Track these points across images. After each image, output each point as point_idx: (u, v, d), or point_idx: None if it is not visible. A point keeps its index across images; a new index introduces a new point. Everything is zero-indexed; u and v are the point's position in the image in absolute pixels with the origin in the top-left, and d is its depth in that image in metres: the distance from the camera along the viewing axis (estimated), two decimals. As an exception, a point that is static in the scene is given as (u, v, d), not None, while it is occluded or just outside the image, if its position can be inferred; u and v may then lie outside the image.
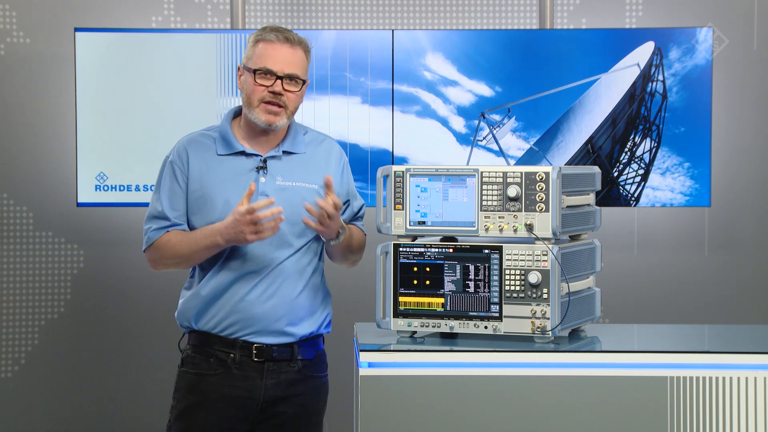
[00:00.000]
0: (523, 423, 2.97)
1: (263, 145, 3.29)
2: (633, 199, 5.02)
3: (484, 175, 3.09)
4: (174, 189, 3.27)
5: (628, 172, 5.00)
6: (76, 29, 4.96)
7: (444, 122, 5.03)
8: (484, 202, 3.08)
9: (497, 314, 3.07)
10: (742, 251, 5.33)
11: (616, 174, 5.00)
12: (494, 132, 5.01)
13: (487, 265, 3.08)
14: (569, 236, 3.20)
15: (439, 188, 3.12)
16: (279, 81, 3.21)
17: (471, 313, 3.09)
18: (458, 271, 3.10)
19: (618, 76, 4.99)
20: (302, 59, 3.26)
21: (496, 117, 5.01)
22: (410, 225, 3.15)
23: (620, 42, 4.99)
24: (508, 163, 5.01)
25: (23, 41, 5.26)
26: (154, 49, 4.98)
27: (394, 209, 3.16)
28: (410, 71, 5.01)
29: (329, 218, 3.16)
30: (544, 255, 3.03)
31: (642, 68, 4.97)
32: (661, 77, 4.97)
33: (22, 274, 5.32)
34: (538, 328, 3.04)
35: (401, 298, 3.14)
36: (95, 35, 4.98)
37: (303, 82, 3.26)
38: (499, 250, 3.07)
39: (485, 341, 3.09)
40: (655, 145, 4.97)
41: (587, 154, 5.01)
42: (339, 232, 3.22)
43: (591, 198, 3.27)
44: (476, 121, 5.01)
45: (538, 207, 3.04)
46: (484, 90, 5.01)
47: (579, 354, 3.05)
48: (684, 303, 5.33)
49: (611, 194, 5.00)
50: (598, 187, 3.30)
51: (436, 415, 2.97)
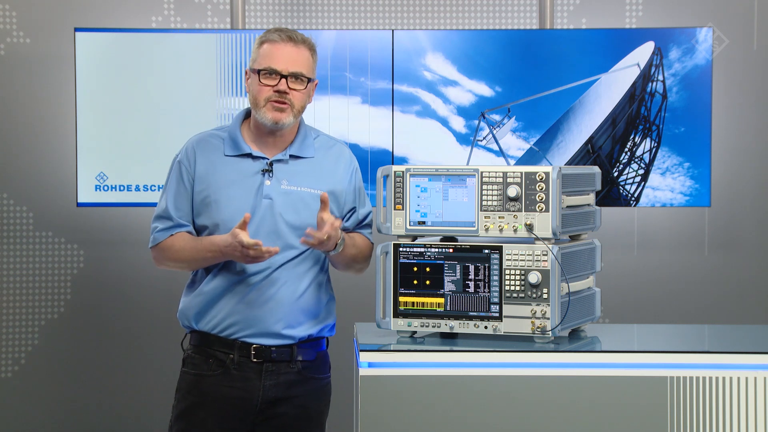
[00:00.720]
0: (523, 423, 2.97)
1: (271, 148, 3.28)
2: (633, 199, 5.02)
3: (484, 175, 3.09)
4: (180, 189, 3.28)
5: (628, 172, 5.00)
6: (76, 29, 4.96)
7: (444, 122, 5.03)
8: (484, 202, 3.08)
9: (497, 314, 3.07)
10: (742, 251, 5.33)
11: (616, 174, 5.00)
12: (494, 132, 5.01)
13: (487, 265, 3.08)
14: (569, 236, 3.20)
15: (439, 188, 3.12)
16: (284, 80, 3.21)
17: (471, 313, 3.09)
18: (458, 271, 3.10)
19: (618, 76, 4.99)
20: (307, 58, 3.26)
21: (496, 117, 5.01)
22: (410, 225, 3.15)
23: (620, 42, 4.99)
24: (508, 163, 5.01)
25: (23, 41, 5.26)
26: (154, 49, 4.98)
27: (394, 209, 3.16)
28: (410, 71, 5.01)
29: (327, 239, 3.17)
30: (544, 255, 3.03)
31: (642, 68, 4.97)
32: (661, 77, 4.96)
33: (22, 274, 5.32)
34: (538, 328, 3.04)
35: (401, 298, 3.14)
36: (95, 35, 4.98)
37: (308, 81, 3.25)
38: (499, 250, 3.07)
39: (485, 341, 3.09)
40: (655, 145, 4.97)
41: (587, 154, 5.01)
42: (337, 244, 3.21)
43: (591, 198, 3.27)
44: (476, 121, 5.01)
45: (538, 207, 3.04)
46: (484, 90, 5.01)
47: (579, 354, 3.05)
48: (684, 303, 5.33)
49: (611, 194, 5.00)
50: (598, 187, 3.30)
51: (436, 415, 2.97)
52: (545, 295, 3.03)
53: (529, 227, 3.05)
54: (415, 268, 3.13)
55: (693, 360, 2.99)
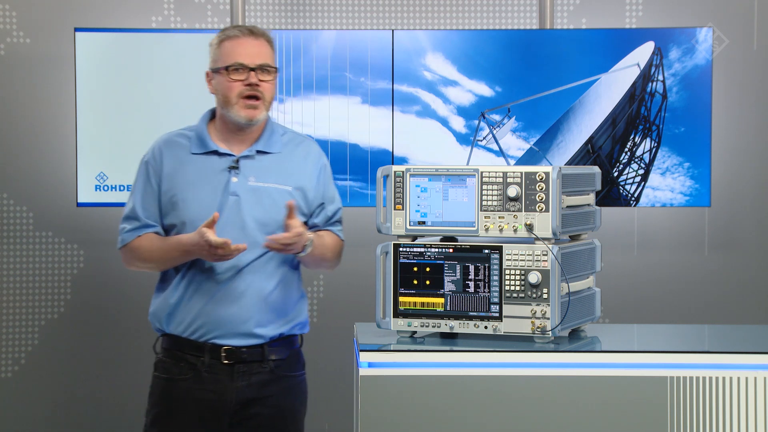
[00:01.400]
0: (523, 423, 2.97)
1: (238, 145, 3.28)
2: (633, 199, 5.02)
3: (484, 175, 3.09)
4: (147, 189, 3.29)
5: (628, 172, 5.00)
6: (76, 29, 4.96)
7: (444, 122, 5.03)
8: (484, 202, 3.08)
9: (497, 314, 3.07)
10: (742, 251, 5.33)
11: (616, 174, 5.00)
12: (494, 132, 5.01)
13: (487, 265, 3.08)
14: (569, 236, 3.20)
15: (439, 188, 3.12)
16: (253, 73, 3.22)
17: (471, 313, 3.09)
18: (458, 271, 3.10)
19: (618, 76, 4.99)
20: (269, 49, 3.28)
21: (496, 117, 5.01)
22: (410, 225, 3.15)
23: (620, 42, 4.99)
24: (508, 163, 5.01)
25: (23, 41, 5.26)
26: (154, 49, 4.98)
27: (394, 209, 3.16)
28: (410, 71, 5.00)
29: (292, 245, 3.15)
30: (544, 255, 3.03)
31: (642, 68, 4.97)
32: (661, 77, 4.96)
33: (22, 274, 5.32)
34: (538, 328, 3.04)
35: (401, 298, 3.14)
36: (95, 35, 4.98)
37: (275, 71, 3.27)
38: (499, 250, 3.07)
39: (485, 341, 3.09)
40: (655, 145, 4.97)
41: (587, 154, 5.01)
42: (305, 246, 3.20)
43: (591, 198, 3.27)
44: (476, 121, 5.01)
45: (538, 207, 3.04)
46: (484, 90, 5.01)
47: (579, 354, 3.05)
48: (684, 303, 5.33)
49: (611, 194, 5.00)
50: (598, 187, 3.30)
51: (436, 415, 2.97)
52: (545, 295, 3.03)
53: (529, 227, 3.05)
54: (415, 268, 3.13)
55: (693, 360, 2.99)
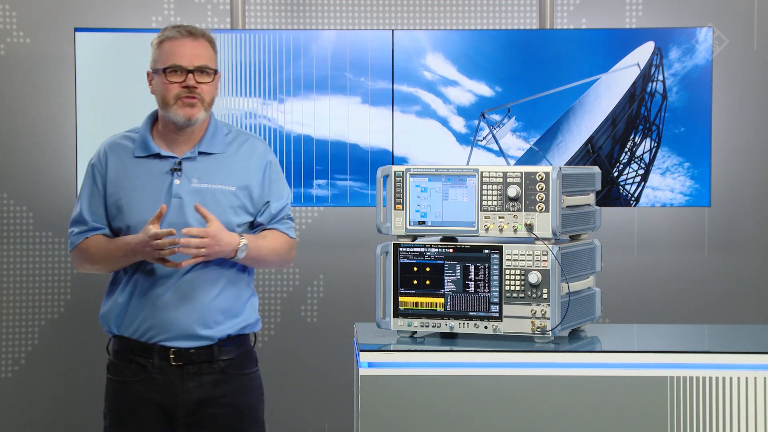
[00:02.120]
0: (523, 423, 2.97)
1: (180, 147, 3.27)
2: (633, 199, 5.02)
3: (484, 175, 3.09)
4: (93, 192, 3.29)
5: (628, 172, 5.00)
6: (76, 29, 4.96)
7: (444, 122, 5.03)
8: (484, 202, 3.08)
9: (497, 314, 3.07)
10: (742, 251, 5.33)
11: (616, 174, 5.00)
12: (494, 132, 5.01)
13: (487, 265, 3.08)
14: (569, 236, 3.20)
15: (439, 188, 3.12)
16: (190, 75, 3.20)
17: (471, 313, 3.09)
18: (458, 271, 3.10)
19: (618, 76, 4.99)
20: (208, 50, 3.25)
21: (496, 117, 5.01)
22: (410, 225, 3.15)
23: (620, 42, 4.99)
24: (508, 163, 5.01)
25: (23, 41, 5.26)
26: (154, 49, 4.97)
27: (394, 209, 3.16)
28: (410, 71, 5.00)
29: (204, 249, 3.12)
30: (544, 255, 3.03)
31: (642, 68, 4.97)
32: (661, 77, 4.96)
33: (22, 274, 5.32)
34: (538, 328, 3.04)
35: (401, 298, 3.14)
36: (95, 35, 4.98)
37: (215, 73, 3.25)
38: (499, 250, 3.07)
39: (485, 341, 3.09)
40: (655, 145, 4.97)
41: (587, 154, 5.01)
42: (237, 250, 3.19)
43: (591, 198, 3.27)
44: (476, 121, 5.01)
45: (538, 207, 3.04)
46: (484, 90, 5.01)
47: (579, 354, 3.05)
48: (684, 303, 5.33)
49: (611, 194, 5.00)
50: (598, 187, 3.30)
51: (436, 415, 2.97)
52: (545, 295, 3.03)
53: (529, 227, 3.05)
54: (415, 268, 3.13)
55: (693, 360, 2.99)
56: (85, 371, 5.38)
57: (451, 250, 3.11)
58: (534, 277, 3.03)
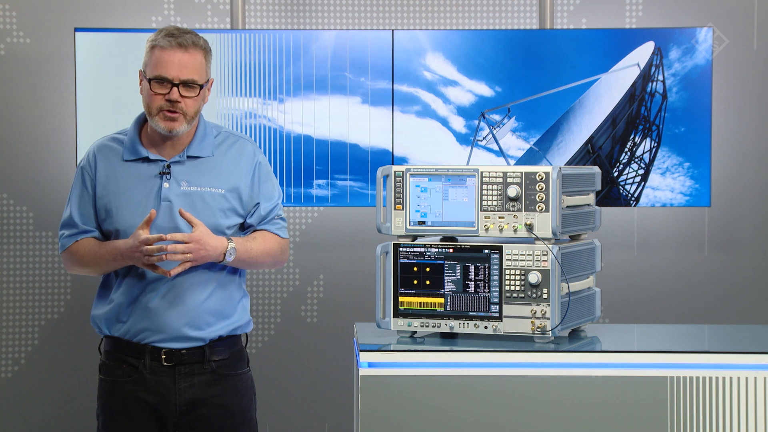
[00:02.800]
0: (523, 423, 2.97)
1: (169, 150, 3.26)
2: (633, 199, 5.02)
3: (484, 175, 3.09)
4: (83, 195, 3.29)
5: (628, 172, 5.00)
6: (76, 29, 4.96)
7: (444, 122, 5.03)
8: (484, 202, 3.08)
9: (497, 314, 3.07)
10: (742, 251, 5.33)
11: (616, 174, 5.00)
12: (494, 132, 5.01)
13: (487, 265, 3.08)
14: (569, 236, 3.20)
15: (439, 188, 3.12)
16: (175, 88, 3.18)
17: (471, 313, 3.09)
18: (458, 271, 3.10)
19: (618, 76, 4.99)
20: (199, 62, 3.21)
21: (496, 117, 5.01)
22: (410, 225, 3.15)
23: (620, 42, 4.99)
24: (508, 163, 5.01)
25: (23, 41, 5.26)
26: (154, 49, 4.97)
27: (394, 209, 3.16)
28: (410, 71, 5.01)
29: (191, 254, 3.12)
30: (544, 255, 3.03)
31: (642, 68, 4.97)
32: (661, 77, 4.96)
33: (22, 274, 5.32)
34: (538, 328, 3.04)
35: (401, 298, 3.14)
36: (95, 35, 4.98)
37: (201, 87, 3.21)
38: (499, 250, 3.07)
39: (485, 341, 3.09)
40: (655, 145, 4.97)
41: (587, 154, 5.01)
42: (226, 253, 3.18)
43: (591, 198, 3.27)
44: (476, 121, 5.01)
45: (538, 207, 3.05)
46: (484, 90, 5.01)
47: (579, 354, 3.05)
48: (684, 303, 5.33)
49: (611, 194, 5.00)
50: (598, 187, 3.30)
51: (436, 415, 2.97)
52: (545, 295, 3.03)
53: (529, 227, 3.05)
54: (415, 268, 3.13)
55: (693, 360, 2.99)
56: (84, 371, 5.38)
57: (451, 250, 3.11)
58: (534, 277, 3.03)
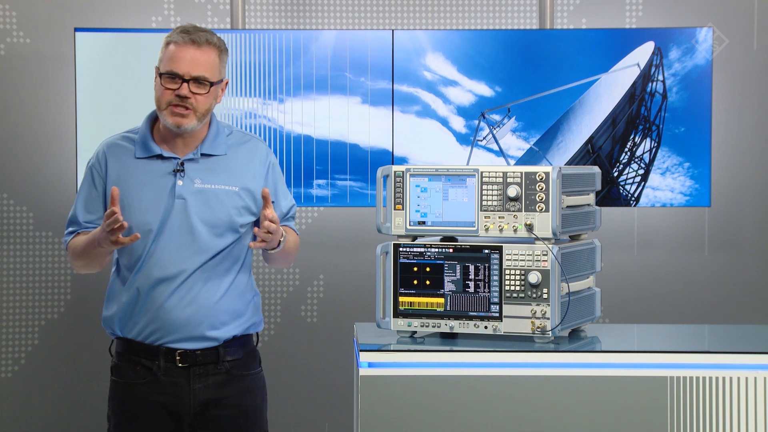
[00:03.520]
0: (523, 423, 2.97)
1: (181, 148, 3.26)
2: (633, 199, 5.02)
3: (484, 175, 3.09)
4: (91, 193, 3.29)
5: (628, 172, 5.00)
6: (76, 29, 4.96)
7: (444, 122, 5.03)
8: (484, 202, 3.08)
9: (497, 314, 3.07)
10: (742, 251, 5.33)
11: (616, 174, 5.00)
12: (494, 132, 5.01)
13: (487, 265, 3.08)
14: (569, 236, 3.20)
15: (439, 188, 3.12)
16: (185, 84, 3.17)
17: (471, 313, 3.09)
18: (458, 271, 3.10)
19: (618, 76, 4.99)
20: (211, 60, 3.20)
21: (496, 117, 5.01)
22: (410, 225, 3.15)
23: (620, 42, 4.99)
24: (508, 163, 5.01)
25: (23, 41, 5.26)
26: (154, 49, 4.95)
27: (394, 209, 3.16)
28: (410, 71, 5.01)
29: (270, 233, 3.14)
30: (544, 255, 3.03)
31: (642, 68, 4.97)
32: (661, 77, 4.96)
33: (22, 274, 5.32)
34: (538, 328, 3.04)
35: (401, 298, 3.14)
36: (95, 35, 4.98)
37: (212, 84, 3.20)
38: (499, 250, 3.07)
39: (485, 341, 3.09)
40: (655, 145, 4.97)
41: (587, 154, 5.01)
42: (280, 241, 3.20)
43: (591, 198, 3.27)
44: (476, 121, 5.01)
45: (538, 207, 3.05)
46: (484, 90, 5.01)
47: (579, 354, 3.05)
48: (684, 303, 5.33)
49: (611, 194, 5.00)
50: (598, 187, 3.30)
51: (436, 415, 2.97)
52: (545, 295, 3.03)
53: (529, 227, 3.05)
54: (415, 268, 3.13)
55: (693, 360, 2.99)
56: (85, 371, 5.38)
57: (451, 250, 3.11)
58: (534, 277, 3.03)
